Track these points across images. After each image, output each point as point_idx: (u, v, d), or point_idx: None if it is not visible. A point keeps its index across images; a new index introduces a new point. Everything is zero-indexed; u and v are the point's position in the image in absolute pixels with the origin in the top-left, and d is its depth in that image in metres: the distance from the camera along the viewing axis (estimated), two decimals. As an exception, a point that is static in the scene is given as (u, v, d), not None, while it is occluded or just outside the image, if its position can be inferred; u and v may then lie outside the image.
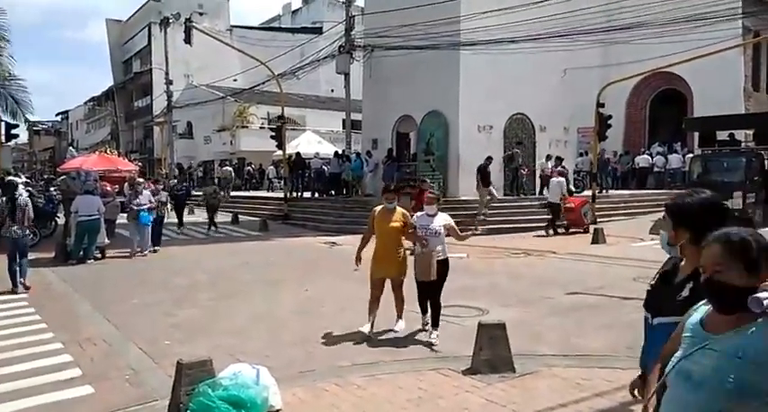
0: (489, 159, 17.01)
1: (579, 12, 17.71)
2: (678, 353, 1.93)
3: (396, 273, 6.53)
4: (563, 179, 15.93)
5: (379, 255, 6.51)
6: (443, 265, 6.34)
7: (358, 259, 6.54)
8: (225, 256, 13.09)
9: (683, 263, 2.32)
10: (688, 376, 1.86)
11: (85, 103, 61.29)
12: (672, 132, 23.37)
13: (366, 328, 6.46)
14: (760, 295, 1.75)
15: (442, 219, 6.42)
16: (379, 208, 6.66)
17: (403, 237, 6.57)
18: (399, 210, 6.59)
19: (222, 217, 20.04)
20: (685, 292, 2.18)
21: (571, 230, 15.85)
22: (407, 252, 6.65)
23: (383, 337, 6.52)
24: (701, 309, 1.95)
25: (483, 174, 16.60)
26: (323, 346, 6.30)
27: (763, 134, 16.67)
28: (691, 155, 19.65)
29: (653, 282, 2.42)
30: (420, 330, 6.64)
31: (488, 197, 16.69)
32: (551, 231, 15.44)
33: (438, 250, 6.28)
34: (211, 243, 15.70)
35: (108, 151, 24.85)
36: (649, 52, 20.13)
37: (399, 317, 6.73)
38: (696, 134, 19.43)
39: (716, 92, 22.03)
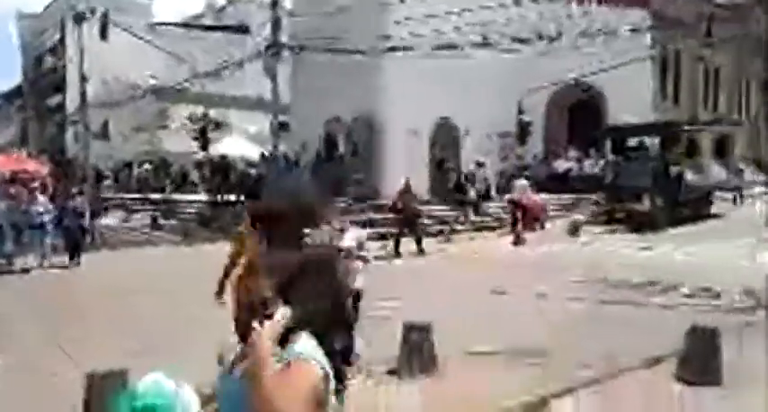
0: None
1: (503, 21, 18.31)
2: None
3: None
4: (526, 182, 16.65)
5: (245, 294, 4.66)
6: (354, 298, 4.92)
7: (219, 295, 4.77)
8: (147, 264, 12.62)
9: None
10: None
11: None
12: (587, 139, 24.48)
13: None
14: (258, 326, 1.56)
15: (353, 237, 4.88)
16: (245, 225, 4.79)
17: None
18: None
19: (141, 220, 19.35)
20: None
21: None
22: None
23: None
24: None
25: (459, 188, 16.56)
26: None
27: (669, 141, 17.78)
28: (604, 161, 20.65)
29: None
30: None
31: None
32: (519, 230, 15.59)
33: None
34: (127, 247, 15.12)
35: (16, 151, 23.50)
36: (568, 63, 21.02)
37: None
38: (609, 141, 20.50)
39: (627, 101, 23.27)
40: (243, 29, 37.99)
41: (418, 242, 13.10)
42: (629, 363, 5.66)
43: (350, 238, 4.88)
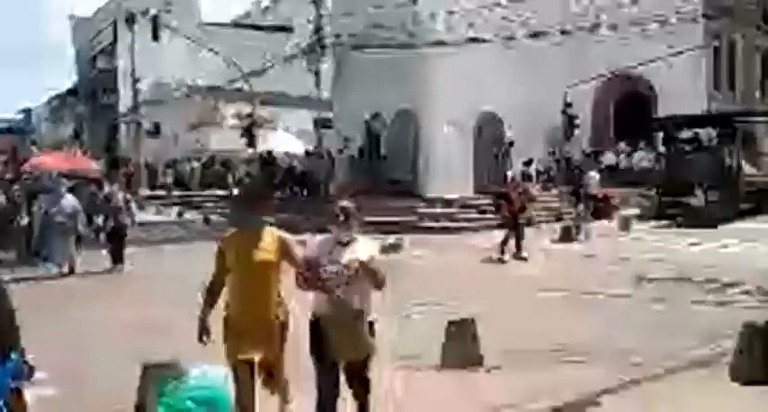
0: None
1: (547, 12, 17.99)
2: None
3: (271, 349, 3.78)
4: (598, 174, 16.60)
5: (240, 318, 3.72)
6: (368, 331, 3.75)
7: (204, 333, 3.75)
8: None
9: None
10: None
11: (49, 100, 59.96)
12: (637, 131, 23.91)
13: None
14: None
15: (363, 251, 3.70)
16: (232, 232, 3.98)
17: (284, 280, 3.86)
18: (272, 231, 3.85)
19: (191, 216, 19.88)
20: None
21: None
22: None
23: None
24: None
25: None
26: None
27: (724, 133, 17.15)
28: (655, 153, 20.10)
29: None
30: None
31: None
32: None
33: (358, 305, 3.65)
34: (178, 243, 15.48)
35: (74, 150, 24.37)
36: (615, 53, 20.52)
37: None
38: (660, 133, 19.92)
39: (679, 92, 22.57)
40: (287, 28, 38.41)
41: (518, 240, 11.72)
42: (681, 362, 5.49)
43: (360, 253, 3.71)
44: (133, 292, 9.30)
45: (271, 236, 3.84)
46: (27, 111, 65.92)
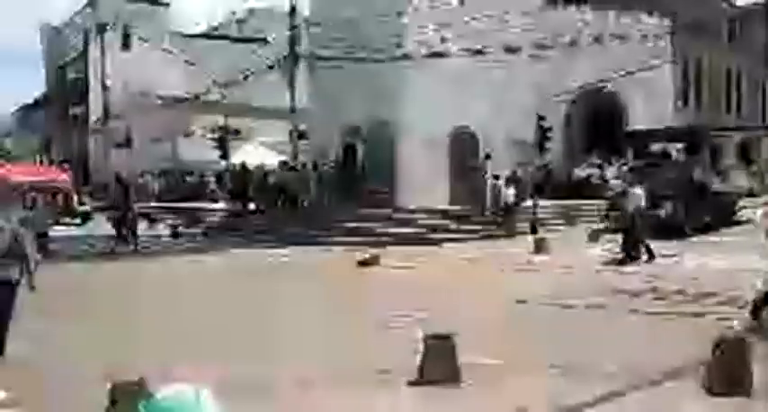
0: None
1: (519, 28, 18.26)
2: None
3: None
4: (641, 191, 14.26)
5: None
6: None
7: None
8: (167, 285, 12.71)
9: None
10: None
11: (17, 110, 58.74)
12: (608, 145, 24.33)
13: None
14: None
15: None
16: None
17: None
18: None
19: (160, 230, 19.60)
20: None
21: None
22: None
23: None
24: None
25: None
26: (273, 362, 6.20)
27: (691, 147, 17.57)
28: (625, 167, 20.44)
29: None
30: None
31: None
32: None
33: None
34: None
35: (41, 161, 23.89)
36: (587, 68, 20.91)
37: None
38: (630, 147, 20.31)
39: (648, 107, 23.06)
40: (262, 39, 38.38)
41: None
42: (653, 375, 5.55)
43: None
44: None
45: None
46: (-7, 121, 64.45)
